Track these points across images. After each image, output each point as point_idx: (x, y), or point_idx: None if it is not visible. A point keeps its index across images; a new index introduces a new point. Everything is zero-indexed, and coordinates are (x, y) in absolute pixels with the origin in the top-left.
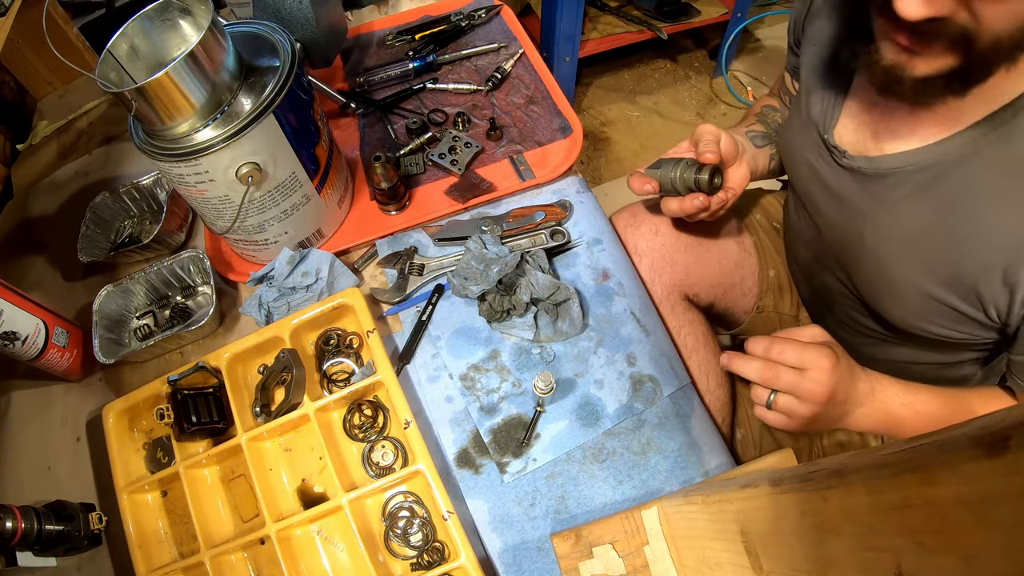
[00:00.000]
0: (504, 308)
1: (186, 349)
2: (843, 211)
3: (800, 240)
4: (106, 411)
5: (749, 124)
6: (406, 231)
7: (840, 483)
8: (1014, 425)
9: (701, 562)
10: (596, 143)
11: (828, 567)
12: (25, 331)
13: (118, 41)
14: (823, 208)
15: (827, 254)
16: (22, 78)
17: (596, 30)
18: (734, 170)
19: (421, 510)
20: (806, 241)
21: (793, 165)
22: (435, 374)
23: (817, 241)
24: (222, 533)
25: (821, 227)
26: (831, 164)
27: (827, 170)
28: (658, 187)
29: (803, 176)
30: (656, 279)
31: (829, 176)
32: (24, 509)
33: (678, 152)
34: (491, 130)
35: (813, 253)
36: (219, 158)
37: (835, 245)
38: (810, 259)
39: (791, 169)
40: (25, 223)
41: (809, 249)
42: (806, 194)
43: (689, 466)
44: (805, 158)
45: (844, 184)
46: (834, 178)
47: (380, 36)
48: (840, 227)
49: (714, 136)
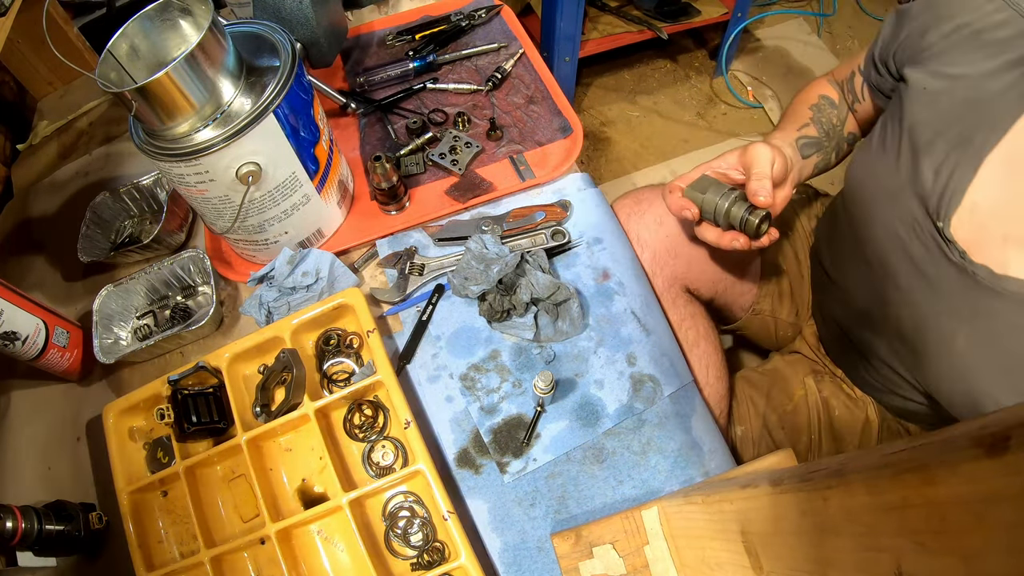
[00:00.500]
0: (504, 308)
1: (186, 349)
2: (934, 302)
3: (850, 288)
4: (106, 411)
5: (801, 124)
6: (406, 231)
7: (840, 483)
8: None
9: (701, 562)
10: (596, 143)
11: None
12: (25, 331)
13: (118, 41)
14: (904, 285)
15: (889, 323)
16: (22, 78)
17: (596, 30)
18: (778, 191)
19: (421, 510)
20: (859, 295)
21: (866, 219)
22: (435, 374)
23: (879, 305)
24: (222, 533)
25: (892, 299)
26: (934, 253)
27: (925, 256)
28: (699, 213)
29: (880, 238)
30: (658, 271)
31: (925, 262)
32: (24, 509)
33: (723, 167)
34: (491, 130)
35: (865, 310)
36: (219, 158)
37: (907, 324)
38: (857, 313)
39: (861, 220)
40: (25, 223)
41: (861, 303)
42: (880, 258)
43: (689, 466)
44: (891, 225)
45: (945, 278)
46: (932, 267)
47: (380, 36)
48: (923, 315)
49: (768, 167)
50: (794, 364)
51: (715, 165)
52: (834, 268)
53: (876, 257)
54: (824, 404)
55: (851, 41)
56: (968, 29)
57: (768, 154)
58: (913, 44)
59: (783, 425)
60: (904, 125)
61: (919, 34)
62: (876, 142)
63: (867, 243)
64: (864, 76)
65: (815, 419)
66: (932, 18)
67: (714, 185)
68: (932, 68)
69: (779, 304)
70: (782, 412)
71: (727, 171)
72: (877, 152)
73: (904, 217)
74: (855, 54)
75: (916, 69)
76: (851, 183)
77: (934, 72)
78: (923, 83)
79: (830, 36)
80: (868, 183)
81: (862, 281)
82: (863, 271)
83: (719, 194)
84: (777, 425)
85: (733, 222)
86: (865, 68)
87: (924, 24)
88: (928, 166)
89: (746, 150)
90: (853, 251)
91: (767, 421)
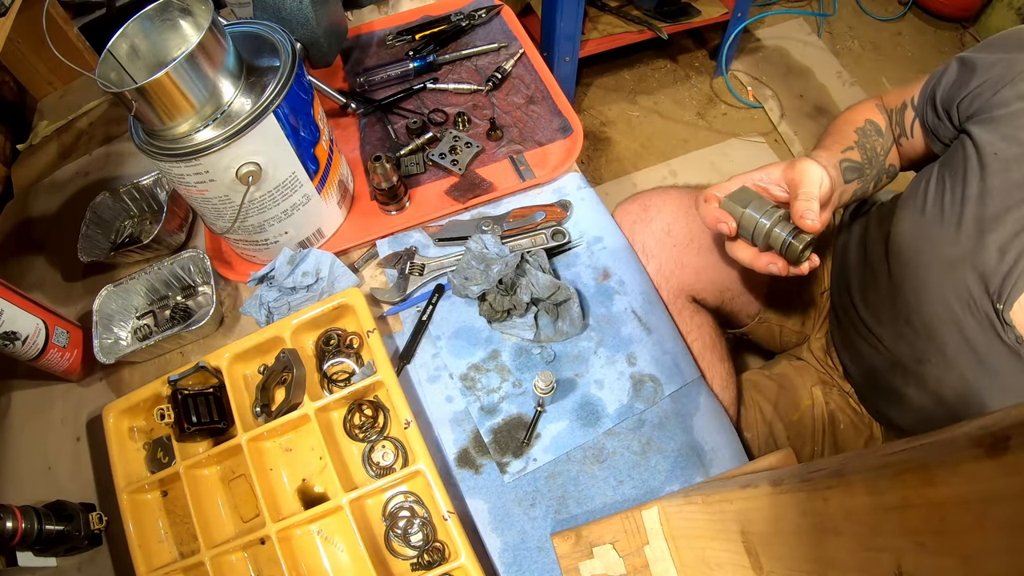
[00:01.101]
0: (504, 308)
1: (186, 349)
2: (982, 377)
3: (886, 338)
4: (106, 411)
5: (845, 146)
6: (406, 231)
7: (840, 483)
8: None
9: (701, 562)
10: (596, 143)
11: (828, 567)
12: (25, 331)
13: (118, 41)
14: (951, 354)
15: (927, 382)
16: (22, 78)
17: (596, 30)
18: (822, 214)
19: (421, 510)
20: (898, 348)
21: (915, 283)
22: (435, 374)
23: (918, 363)
24: (222, 533)
25: (935, 362)
26: (988, 333)
27: (978, 334)
28: (736, 229)
29: (929, 306)
30: (664, 283)
31: (978, 340)
32: (24, 509)
33: (765, 180)
34: (491, 130)
35: (900, 362)
36: (219, 158)
37: (948, 389)
38: (891, 362)
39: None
40: (25, 223)
41: (898, 355)
42: (927, 325)
43: (689, 466)
44: (943, 296)
45: (998, 357)
46: (985, 347)
47: (380, 36)
48: (969, 385)
49: (817, 187)
50: (802, 372)
51: (756, 177)
52: (869, 315)
53: (922, 322)
54: (830, 417)
55: (851, 41)
56: None
57: (818, 173)
58: (983, 99)
59: (789, 434)
60: (968, 192)
61: (991, 90)
62: (932, 201)
63: (913, 307)
64: (918, 114)
65: (819, 430)
66: (1007, 73)
67: (756, 200)
68: (1004, 131)
69: (786, 313)
70: (788, 421)
71: (768, 186)
72: (933, 215)
73: (960, 291)
74: (909, 83)
75: (986, 129)
76: (900, 242)
77: (1007, 136)
78: (994, 147)
79: (830, 36)
80: (922, 247)
81: (902, 337)
82: (905, 330)
83: (762, 211)
84: (783, 433)
85: (773, 244)
86: (920, 106)
87: (997, 79)
88: (993, 242)
89: (793, 165)
90: (894, 307)
91: (773, 429)
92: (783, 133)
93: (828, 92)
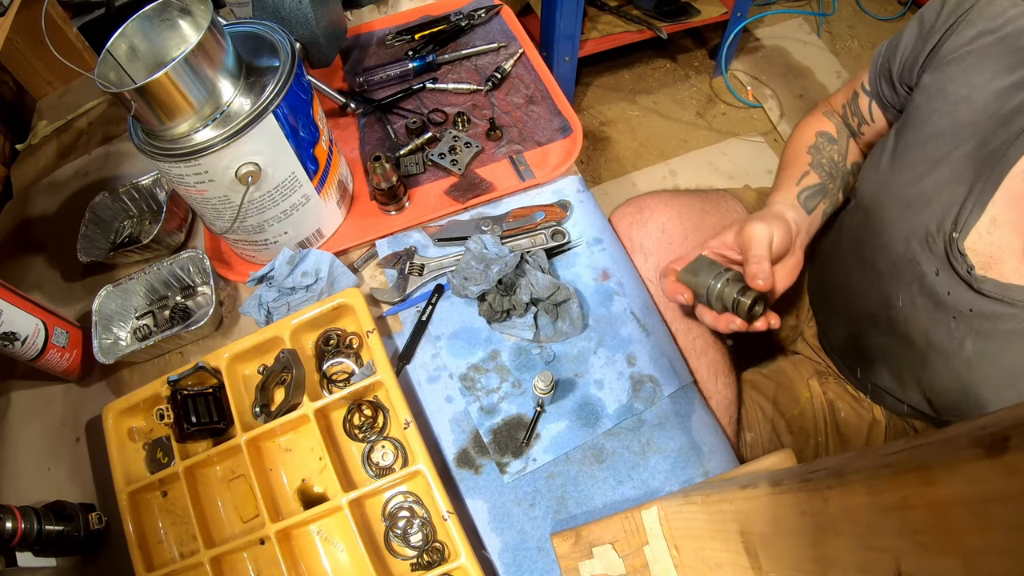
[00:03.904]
0: (504, 308)
1: (186, 349)
2: (944, 312)
3: (858, 291)
4: (106, 411)
5: (800, 174)
6: (406, 231)
7: (840, 483)
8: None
9: (701, 562)
10: (596, 143)
11: (828, 567)
12: (25, 331)
13: (117, 41)
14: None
15: (896, 328)
16: (21, 78)
17: (596, 30)
18: (783, 265)
19: (421, 510)
20: (868, 298)
21: (877, 229)
22: (435, 374)
23: (886, 308)
24: (222, 533)
25: (902, 303)
26: (944, 266)
27: (934, 268)
28: (693, 297)
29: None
30: None
31: (934, 276)
32: (24, 509)
33: (720, 248)
34: (491, 130)
35: (871, 313)
36: (219, 158)
37: (915, 329)
38: (864, 316)
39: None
40: (25, 223)
41: (869, 307)
42: (891, 266)
43: (689, 466)
44: (903, 236)
45: (955, 290)
46: (942, 281)
47: (380, 36)
48: (933, 322)
49: (766, 247)
50: (798, 365)
51: (712, 245)
52: (840, 273)
53: (886, 265)
54: (830, 406)
55: (851, 41)
56: (992, 36)
57: (764, 233)
58: (935, 49)
59: (791, 429)
60: (921, 136)
61: (939, 39)
62: (888, 154)
63: (878, 251)
64: (873, 95)
65: (821, 422)
66: (954, 22)
67: (707, 267)
68: (952, 74)
69: (779, 308)
70: (789, 416)
71: (724, 252)
72: (889, 165)
73: (917, 230)
74: (848, 81)
75: (936, 75)
76: (862, 197)
77: (955, 79)
78: (943, 91)
79: (830, 36)
80: (881, 197)
81: (871, 287)
82: (872, 277)
83: (711, 275)
84: (785, 430)
85: (726, 303)
86: (873, 87)
87: (945, 26)
88: (946, 180)
89: (742, 230)
90: (860, 259)
91: (776, 426)
92: (783, 133)
93: (828, 92)
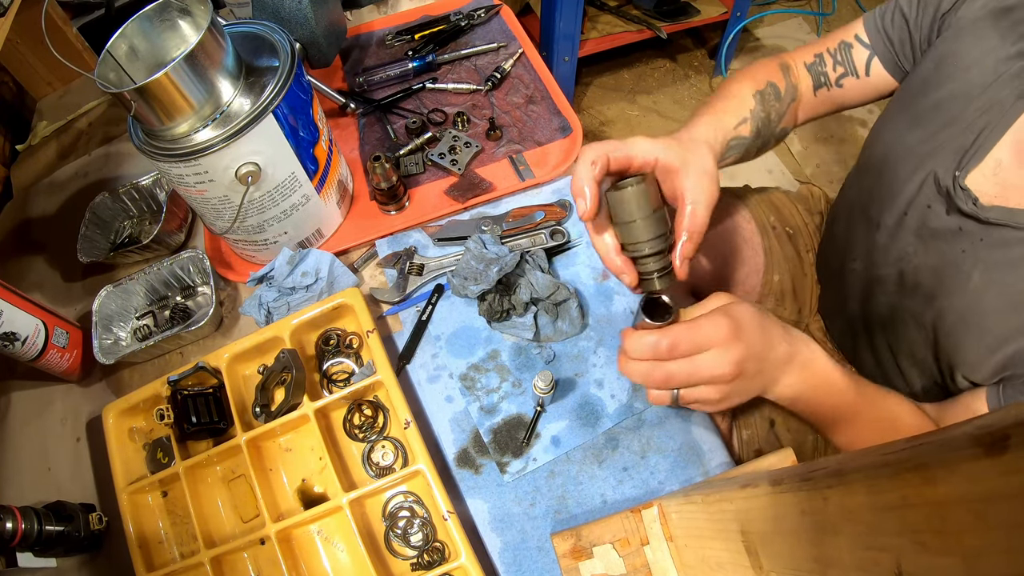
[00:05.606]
0: (504, 308)
1: (186, 349)
2: (952, 248)
3: (860, 254)
4: (106, 411)
5: (740, 119)
6: (406, 231)
7: (840, 483)
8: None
9: (701, 562)
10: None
11: (828, 567)
12: (25, 332)
13: (117, 41)
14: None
15: (904, 280)
16: (21, 78)
17: (595, 29)
18: None
19: (421, 510)
20: (876, 259)
21: (888, 185)
22: (435, 374)
23: (896, 263)
24: (222, 533)
25: (909, 253)
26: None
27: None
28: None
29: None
30: None
31: (940, 214)
32: (24, 510)
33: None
34: (491, 130)
35: (878, 276)
36: (218, 158)
37: (925, 272)
38: (872, 276)
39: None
40: (25, 223)
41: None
42: (898, 217)
43: (689, 466)
44: (914, 185)
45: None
46: (951, 218)
47: (379, 36)
48: (942, 259)
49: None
50: None
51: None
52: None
53: (895, 218)
54: None
55: None
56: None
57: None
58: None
59: (788, 426)
60: (938, 96)
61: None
62: (905, 114)
63: (887, 208)
64: (874, 49)
65: None
66: None
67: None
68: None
69: (781, 303)
70: (786, 412)
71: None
72: (903, 123)
73: (927, 177)
74: (820, 39)
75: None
76: (873, 158)
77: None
78: (956, 55)
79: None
80: (896, 156)
81: (876, 247)
82: (877, 236)
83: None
84: (783, 426)
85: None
86: (876, 39)
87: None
88: (957, 133)
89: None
90: (868, 221)
91: (774, 424)
92: None
93: None
